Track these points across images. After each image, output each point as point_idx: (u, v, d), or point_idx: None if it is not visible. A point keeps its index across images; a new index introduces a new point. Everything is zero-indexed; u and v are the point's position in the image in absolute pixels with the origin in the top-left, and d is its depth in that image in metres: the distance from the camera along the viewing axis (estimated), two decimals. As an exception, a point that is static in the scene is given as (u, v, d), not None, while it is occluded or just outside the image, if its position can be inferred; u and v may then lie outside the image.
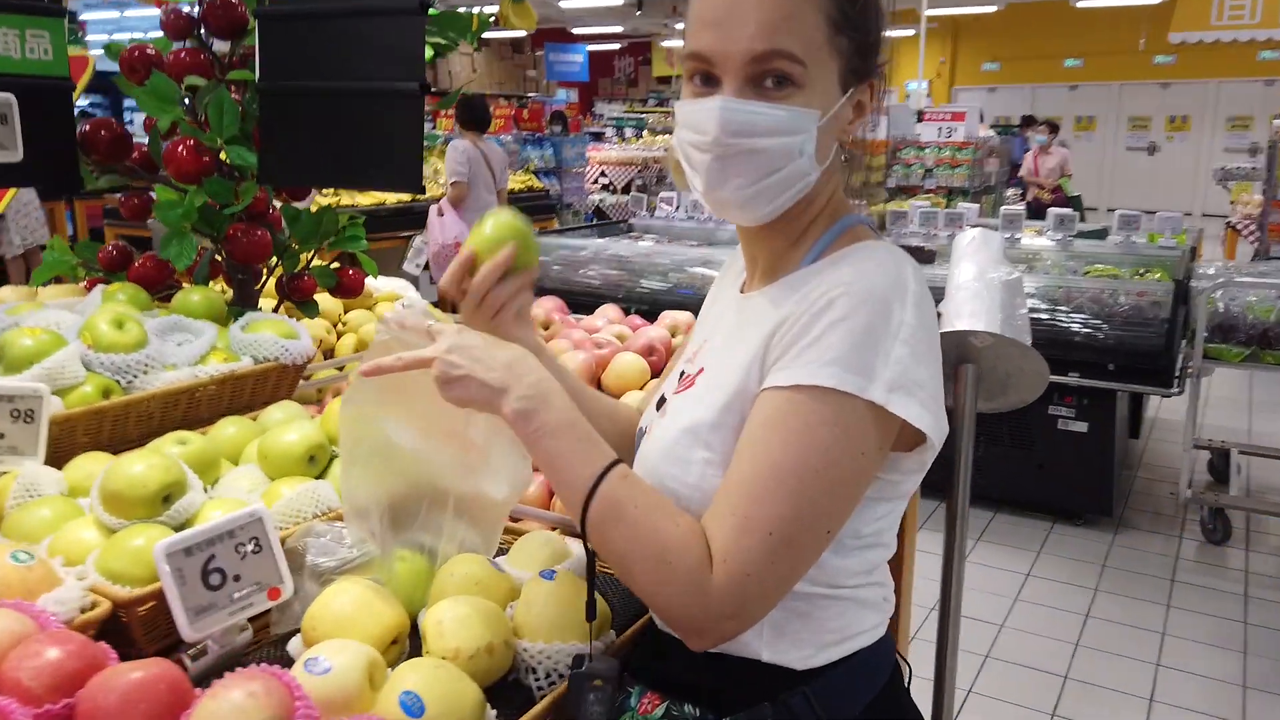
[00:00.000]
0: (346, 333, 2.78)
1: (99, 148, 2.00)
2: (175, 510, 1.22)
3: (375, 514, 1.24)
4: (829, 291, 0.96)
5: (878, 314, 0.94)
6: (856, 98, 1.05)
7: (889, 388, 0.93)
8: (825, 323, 0.95)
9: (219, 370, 1.65)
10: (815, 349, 0.94)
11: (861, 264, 1.00)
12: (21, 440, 1.35)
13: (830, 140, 1.04)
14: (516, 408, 1.00)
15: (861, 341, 0.93)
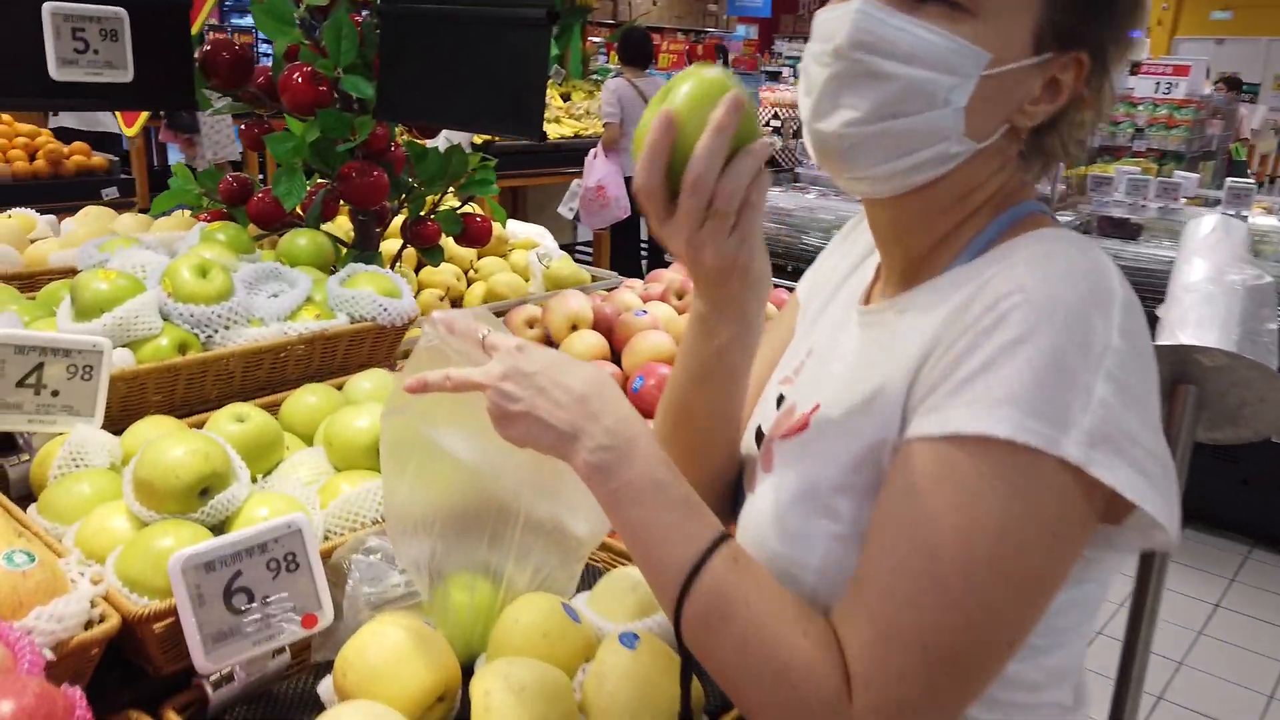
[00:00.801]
0: (477, 281, 2.61)
1: (219, 70, 1.86)
2: (213, 506, 1.05)
3: (428, 535, 1.03)
4: (999, 299, 0.69)
5: (1072, 333, 0.67)
6: (1052, 71, 0.76)
7: (1089, 441, 0.65)
8: (995, 345, 0.68)
9: (308, 329, 1.48)
10: (981, 383, 0.68)
11: (1044, 260, 0.72)
12: (78, 399, 1.21)
13: (997, 111, 0.76)
14: (590, 460, 0.78)
15: (1049, 373, 0.66)
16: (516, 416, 0.80)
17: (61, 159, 4.73)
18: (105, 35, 1.62)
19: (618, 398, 0.82)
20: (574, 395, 0.80)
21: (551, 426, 0.79)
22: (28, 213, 2.21)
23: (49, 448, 1.17)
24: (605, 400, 0.80)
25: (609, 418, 0.79)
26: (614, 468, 0.77)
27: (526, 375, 0.81)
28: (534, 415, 0.79)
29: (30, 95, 1.57)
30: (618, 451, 0.78)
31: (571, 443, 0.79)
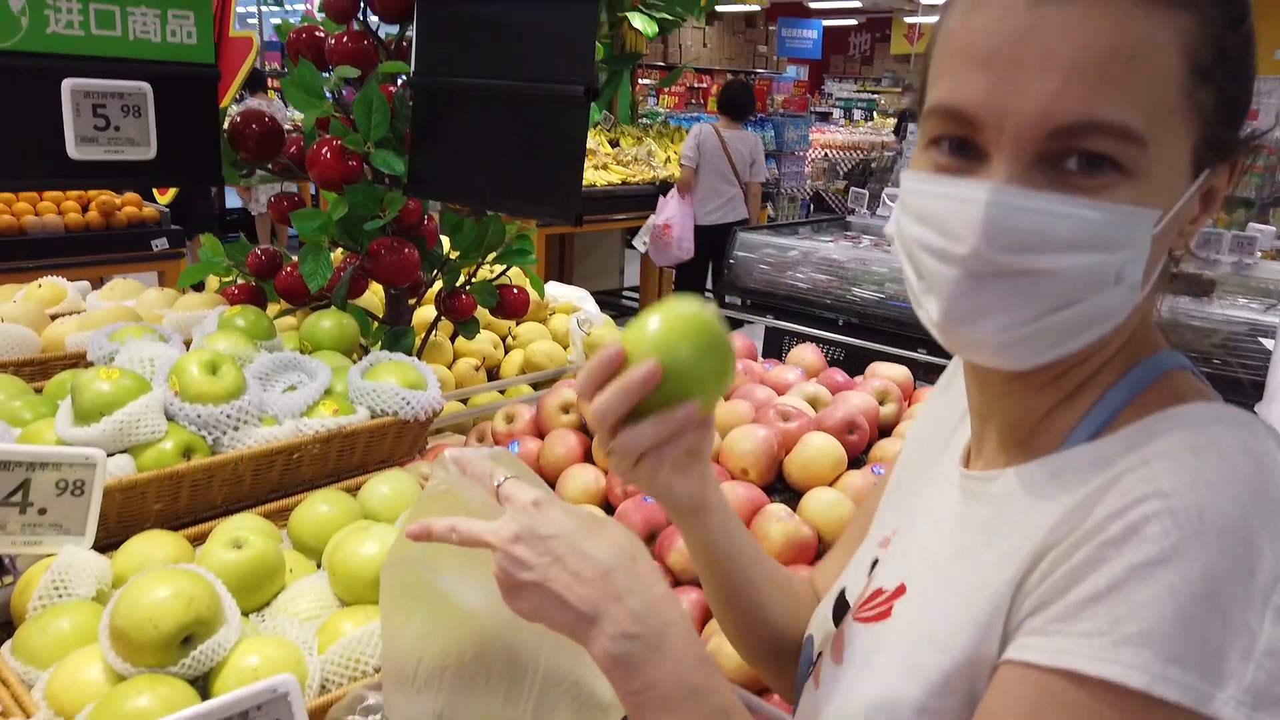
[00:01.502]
0: (515, 348, 2.51)
1: (248, 143, 1.79)
2: (195, 657, 0.94)
3: (433, 693, 0.90)
4: (1133, 504, 0.54)
5: (1229, 556, 0.51)
6: (1209, 183, 0.62)
7: (1253, 701, 0.50)
8: (1126, 563, 0.53)
9: (325, 427, 1.38)
10: (1106, 610, 0.53)
11: (1192, 456, 0.56)
12: (68, 517, 1.12)
13: (1162, 251, 0.62)
14: (611, 650, 0.66)
15: (1197, 608, 0.51)
16: (527, 587, 0.69)
17: (114, 210, 4.77)
18: (127, 111, 1.56)
19: (650, 574, 0.70)
20: (597, 568, 0.68)
21: (567, 604, 0.68)
22: (59, 282, 2.15)
23: (33, 572, 1.07)
24: (634, 577, 0.69)
25: (636, 599, 0.68)
26: (639, 663, 0.66)
27: (542, 539, 0.70)
28: (548, 588, 0.68)
29: (46, 176, 1.50)
30: (645, 642, 0.66)
31: (590, 626, 0.67)
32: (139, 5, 1.54)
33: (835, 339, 4.72)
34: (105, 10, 1.51)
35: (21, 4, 1.43)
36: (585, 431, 1.73)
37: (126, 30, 1.54)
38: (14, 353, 1.59)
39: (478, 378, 2.35)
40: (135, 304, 1.90)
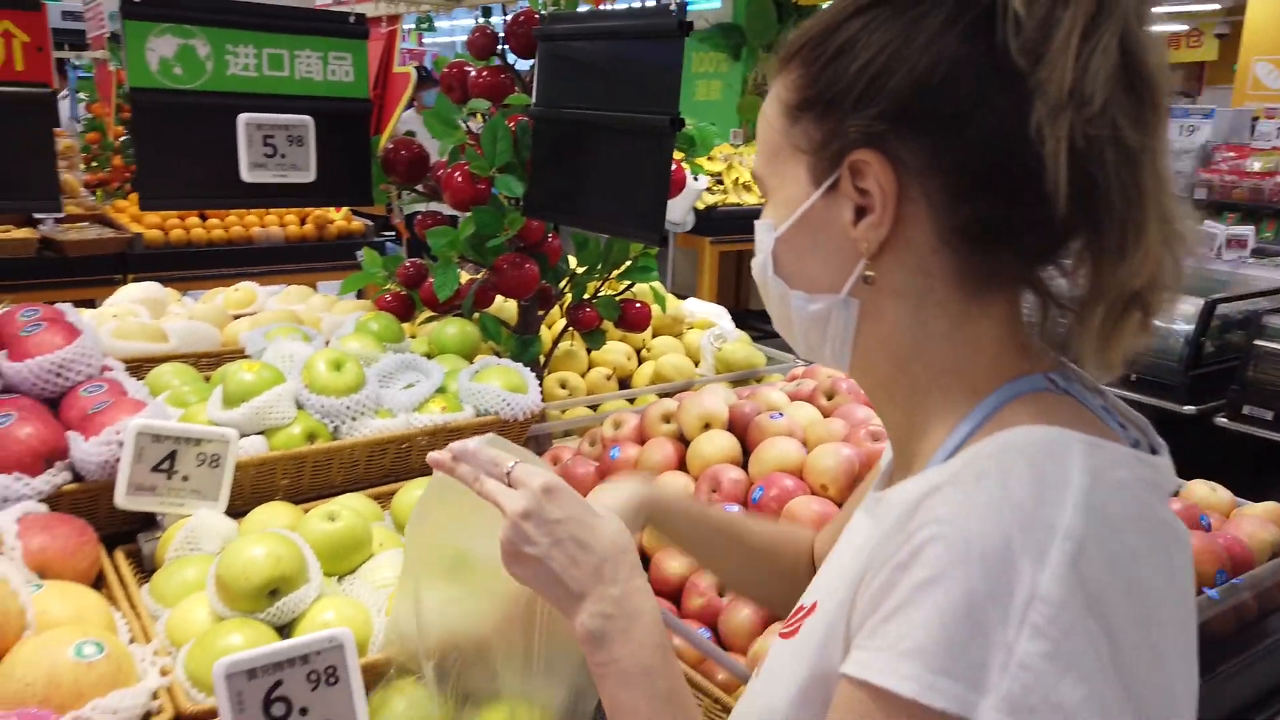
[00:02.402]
0: (648, 360, 2.63)
1: (398, 168, 2.00)
2: (279, 608, 1.11)
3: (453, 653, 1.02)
4: (918, 528, 0.59)
5: (987, 577, 0.56)
6: (851, 194, 0.69)
7: (1010, 708, 0.54)
8: (908, 585, 0.58)
9: (432, 422, 1.54)
10: (894, 627, 0.58)
11: (974, 483, 0.60)
12: (205, 485, 1.33)
13: (815, 256, 0.72)
14: (588, 625, 0.77)
15: (959, 625, 0.56)
16: (528, 560, 0.80)
17: (327, 224, 5.30)
18: (292, 140, 1.80)
19: (633, 568, 0.81)
20: (592, 555, 0.79)
21: (561, 582, 0.79)
22: (251, 286, 2.47)
23: (173, 529, 1.29)
24: (620, 569, 0.80)
25: (619, 586, 0.79)
26: (608, 640, 0.77)
27: (548, 522, 0.80)
28: (547, 565, 0.80)
29: (223, 196, 1.76)
30: (616, 622, 0.77)
31: (576, 602, 0.79)
32: (304, 49, 1.78)
33: None
34: (275, 54, 1.75)
35: (207, 50, 1.69)
36: (682, 441, 1.81)
37: (293, 71, 1.78)
38: (195, 346, 1.86)
39: (609, 386, 2.48)
40: (304, 308, 2.16)
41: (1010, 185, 0.63)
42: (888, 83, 0.64)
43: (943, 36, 0.63)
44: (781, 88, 0.72)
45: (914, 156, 0.65)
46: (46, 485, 1.26)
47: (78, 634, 0.98)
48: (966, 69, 0.62)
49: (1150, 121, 0.61)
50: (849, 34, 0.66)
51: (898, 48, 0.64)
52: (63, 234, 4.23)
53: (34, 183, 1.63)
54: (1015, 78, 0.60)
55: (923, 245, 0.67)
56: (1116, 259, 0.62)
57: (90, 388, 1.41)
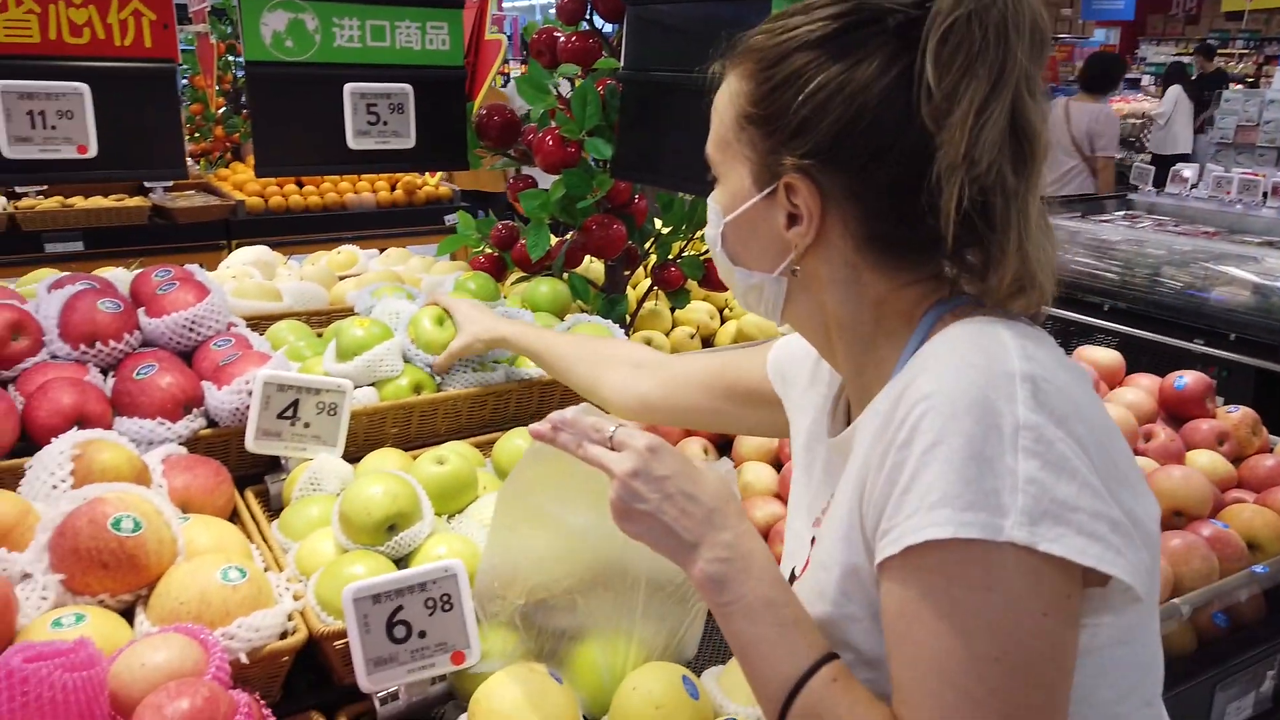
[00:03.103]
0: (731, 319, 2.67)
1: (491, 133, 2.08)
2: (397, 542, 1.20)
3: (551, 593, 1.10)
4: (909, 410, 0.72)
5: (978, 422, 0.69)
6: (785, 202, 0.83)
7: (1029, 520, 0.67)
8: (915, 455, 0.71)
9: (528, 375, 1.63)
10: (915, 493, 0.70)
11: (938, 361, 0.75)
12: (325, 431, 1.43)
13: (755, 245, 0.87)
14: (707, 570, 0.82)
15: (969, 466, 0.68)
16: (640, 515, 0.85)
17: (416, 189, 5.45)
18: (393, 109, 1.89)
19: (739, 513, 0.86)
20: (702, 506, 0.84)
21: (675, 533, 0.84)
22: (353, 249, 2.60)
23: (297, 471, 1.40)
24: (728, 515, 0.84)
25: (729, 532, 0.83)
26: (729, 581, 0.81)
27: (656, 479, 0.84)
28: (659, 519, 0.84)
29: (330, 163, 1.86)
30: (734, 565, 0.81)
31: (691, 551, 0.83)
32: (403, 19, 1.86)
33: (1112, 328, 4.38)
34: (378, 25, 1.84)
35: (316, 23, 1.78)
36: (767, 395, 1.86)
37: (394, 40, 1.86)
38: (307, 305, 1.98)
39: (693, 345, 2.54)
40: (404, 269, 2.27)
41: (913, 215, 0.77)
42: (820, 122, 0.77)
43: (869, 89, 0.76)
44: (735, 88, 0.84)
45: (835, 186, 0.79)
46: (185, 430, 1.39)
47: (222, 560, 1.09)
48: (885, 120, 0.76)
49: (1029, 168, 0.75)
50: (795, 66, 0.78)
51: (832, 92, 0.77)
52: (172, 202, 4.46)
53: (161, 151, 1.75)
54: (922, 135, 0.74)
55: (845, 247, 0.82)
56: (992, 268, 0.77)
57: (220, 341, 1.53)
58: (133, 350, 1.50)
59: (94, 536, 1.05)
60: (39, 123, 1.60)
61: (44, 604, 1.04)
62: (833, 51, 0.77)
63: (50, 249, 4.12)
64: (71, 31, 1.62)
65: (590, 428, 0.91)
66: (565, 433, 0.93)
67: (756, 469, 1.70)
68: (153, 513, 1.11)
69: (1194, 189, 5.33)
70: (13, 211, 4.05)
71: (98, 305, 1.46)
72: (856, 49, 0.76)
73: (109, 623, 1.03)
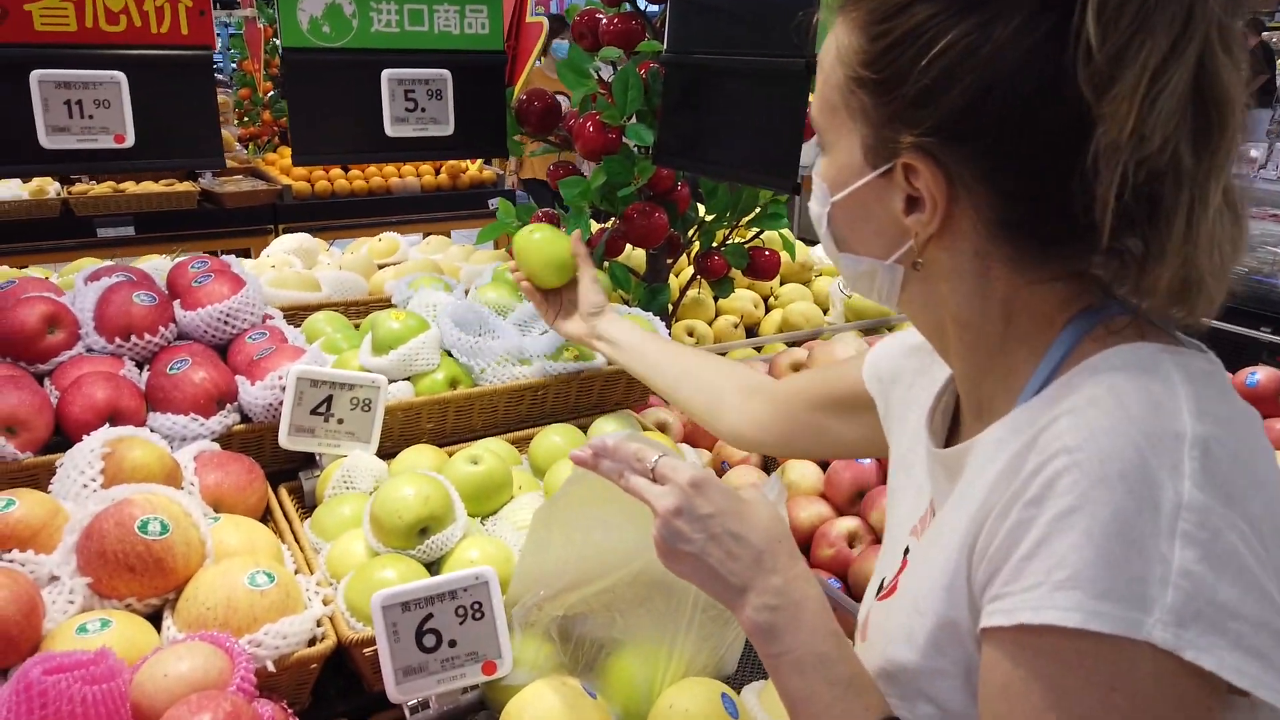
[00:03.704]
0: (775, 308, 2.61)
1: (531, 119, 2.03)
2: (429, 545, 1.17)
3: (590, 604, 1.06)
4: (1045, 462, 0.60)
5: (1132, 494, 0.57)
6: (905, 185, 0.69)
7: (1177, 620, 0.55)
8: (1046, 518, 0.59)
9: (566, 369, 1.58)
10: (1040, 563, 0.59)
11: (1092, 407, 0.61)
12: (358, 427, 1.40)
13: (867, 230, 0.74)
14: (755, 619, 0.77)
15: (1113, 545, 0.56)
16: (685, 556, 0.80)
17: (459, 173, 5.43)
18: (431, 95, 1.84)
19: (792, 554, 0.80)
20: (750, 548, 0.79)
21: (720, 577, 0.79)
22: (394, 236, 2.58)
23: (331, 468, 1.37)
24: (779, 557, 0.79)
25: (781, 575, 0.78)
26: (778, 631, 0.76)
27: (700, 518, 0.80)
28: (704, 562, 0.79)
29: (370, 151, 1.82)
30: (784, 613, 0.76)
31: (739, 596, 0.78)
32: (442, 3, 1.82)
33: None
34: (416, 9, 1.79)
35: (353, 9, 1.75)
36: (813, 390, 1.80)
37: (432, 25, 1.82)
38: (346, 294, 1.96)
39: (736, 334, 2.48)
40: (443, 257, 2.24)
41: (1060, 201, 0.63)
42: (947, 92, 0.63)
43: (1013, 46, 0.61)
44: (843, 42, 0.70)
45: (964, 167, 0.65)
46: (219, 425, 1.37)
47: (250, 564, 1.07)
48: (1027, 90, 0.61)
49: (1214, 143, 0.60)
50: (917, 20, 0.64)
51: (962, 54, 0.62)
52: (220, 187, 4.49)
53: (199, 140, 1.72)
54: (1077, 104, 0.60)
55: (975, 235, 0.68)
56: (1149, 265, 0.63)
57: (254, 334, 1.50)
58: (168, 343, 1.48)
59: (121, 539, 1.03)
60: (76, 112, 1.59)
61: (71, 608, 1.02)
62: (964, 2, 0.62)
63: (102, 234, 4.18)
64: (108, 19, 1.60)
65: (632, 456, 0.87)
66: (607, 460, 0.88)
67: (801, 467, 1.64)
68: (181, 514, 1.09)
69: (1262, 170, 5.12)
70: (66, 197, 4.11)
71: (133, 298, 1.45)
72: (994, 0, 0.62)
73: (135, 628, 1.01)
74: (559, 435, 1.46)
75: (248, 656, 0.97)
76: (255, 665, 0.99)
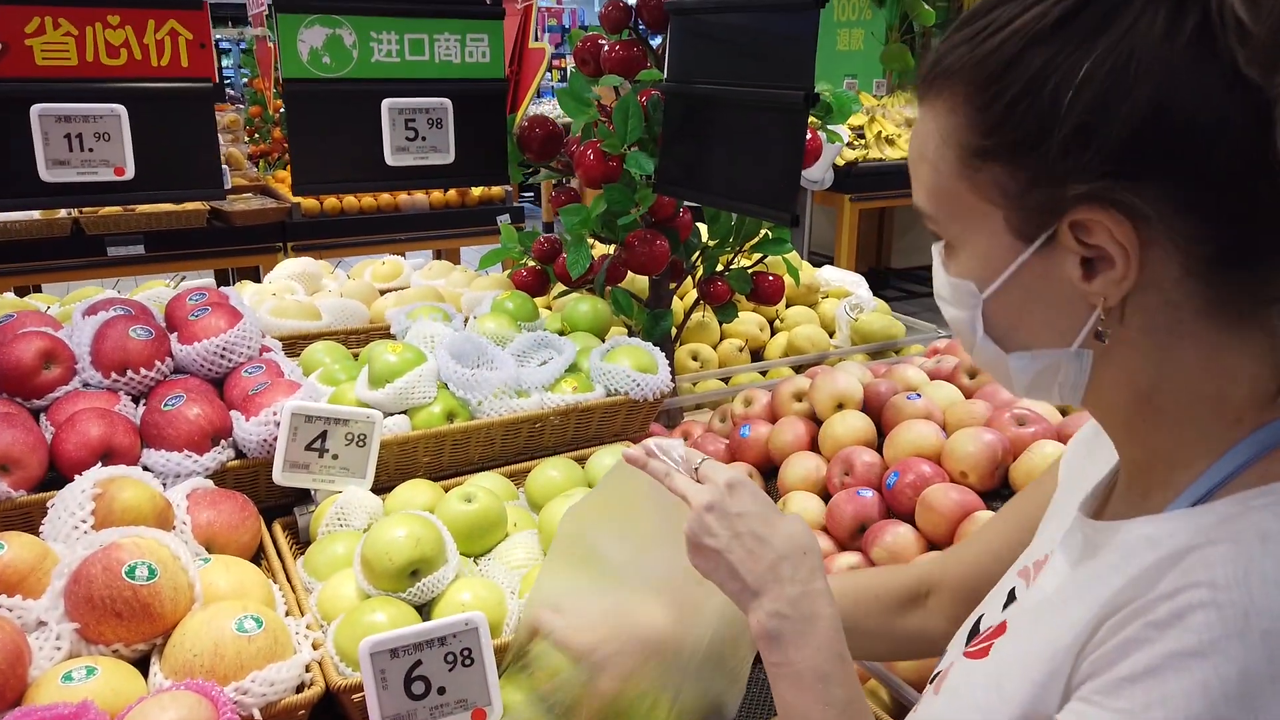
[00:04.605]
0: (781, 331, 2.59)
1: (532, 145, 2.03)
2: (420, 587, 1.16)
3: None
4: (1183, 588, 0.54)
5: (1269, 663, 0.51)
6: (1072, 247, 0.60)
7: None
8: (1164, 649, 0.53)
9: (564, 402, 1.57)
10: (1141, 692, 0.54)
11: (1260, 545, 0.54)
12: (353, 463, 1.40)
13: (1037, 314, 0.65)
14: (764, 624, 0.77)
15: (1229, 709, 0.51)
16: (709, 551, 0.82)
17: (468, 190, 5.44)
18: (432, 123, 1.84)
19: (814, 570, 0.80)
20: (770, 551, 0.79)
21: (738, 575, 0.80)
22: (398, 260, 2.57)
23: (325, 505, 1.36)
24: (799, 568, 0.79)
25: (796, 587, 0.78)
26: (784, 641, 0.76)
27: (729, 516, 0.81)
28: (725, 558, 0.81)
29: (366, 180, 1.83)
30: (792, 624, 0.76)
31: (753, 598, 0.79)
32: (443, 31, 1.82)
33: None
34: (416, 39, 1.80)
35: (353, 39, 1.75)
36: (814, 420, 1.78)
37: (433, 54, 1.82)
38: (345, 323, 1.96)
39: (741, 358, 2.46)
40: (445, 283, 2.23)
41: (1261, 209, 0.56)
42: (1104, 123, 0.55)
43: (1161, 56, 0.54)
44: (944, 127, 0.63)
45: (1150, 205, 0.57)
46: (213, 462, 1.36)
47: (239, 609, 1.06)
48: (1196, 91, 0.54)
49: None
50: (1036, 65, 0.57)
51: (1107, 77, 0.55)
52: (229, 205, 4.51)
53: (199, 171, 1.73)
54: (1250, 91, 0.53)
55: (1166, 280, 0.59)
56: None
57: (250, 368, 1.50)
58: (164, 378, 1.48)
59: (108, 585, 1.02)
60: (76, 145, 1.59)
61: (57, 654, 1.01)
62: (1088, 29, 0.56)
63: (113, 253, 4.20)
64: (109, 53, 1.61)
65: (681, 459, 0.90)
66: (657, 459, 0.90)
67: (803, 499, 1.62)
68: (169, 558, 1.08)
69: None
70: (77, 216, 4.14)
71: (129, 333, 1.44)
72: (1121, 10, 0.55)
73: (121, 675, 1.00)
74: (555, 470, 1.45)
75: (233, 705, 0.96)
76: (242, 713, 0.98)
